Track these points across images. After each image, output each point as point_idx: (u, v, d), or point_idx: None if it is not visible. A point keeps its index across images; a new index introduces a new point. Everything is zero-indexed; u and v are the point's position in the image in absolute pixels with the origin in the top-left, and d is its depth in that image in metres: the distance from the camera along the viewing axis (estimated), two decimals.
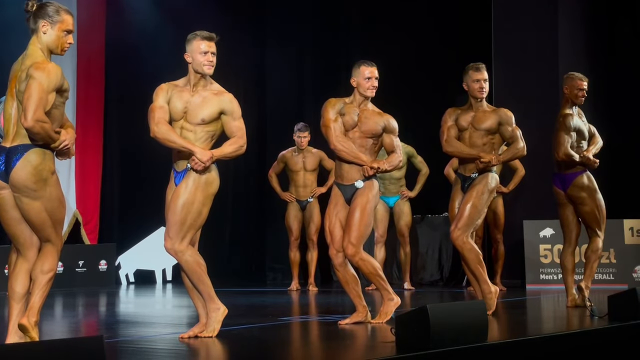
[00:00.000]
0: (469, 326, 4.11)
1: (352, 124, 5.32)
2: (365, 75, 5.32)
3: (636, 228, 8.21)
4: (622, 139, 8.86)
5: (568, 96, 6.25)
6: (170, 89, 4.66)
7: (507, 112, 5.78)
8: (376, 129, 5.31)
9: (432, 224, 9.45)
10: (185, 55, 4.68)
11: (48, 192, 4.05)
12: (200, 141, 4.60)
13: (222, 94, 4.66)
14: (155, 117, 4.58)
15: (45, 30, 4.11)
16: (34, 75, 3.98)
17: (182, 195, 4.53)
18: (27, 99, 3.93)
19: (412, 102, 9.59)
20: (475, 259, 5.64)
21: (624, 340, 4.91)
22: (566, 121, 6.17)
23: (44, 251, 4.14)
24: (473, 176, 5.72)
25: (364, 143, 5.31)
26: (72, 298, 7.93)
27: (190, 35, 4.69)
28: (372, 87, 5.34)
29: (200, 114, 4.59)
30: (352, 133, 5.32)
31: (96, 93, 9.71)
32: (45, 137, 3.99)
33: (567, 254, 6.33)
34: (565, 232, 6.34)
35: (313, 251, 8.72)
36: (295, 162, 8.67)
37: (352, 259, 5.24)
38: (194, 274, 4.57)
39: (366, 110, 5.36)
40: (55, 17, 4.12)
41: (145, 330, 5.52)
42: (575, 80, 6.25)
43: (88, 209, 9.56)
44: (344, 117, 5.33)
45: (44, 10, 4.12)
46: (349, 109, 5.35)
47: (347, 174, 5.32)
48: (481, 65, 5.77)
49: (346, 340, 4.69)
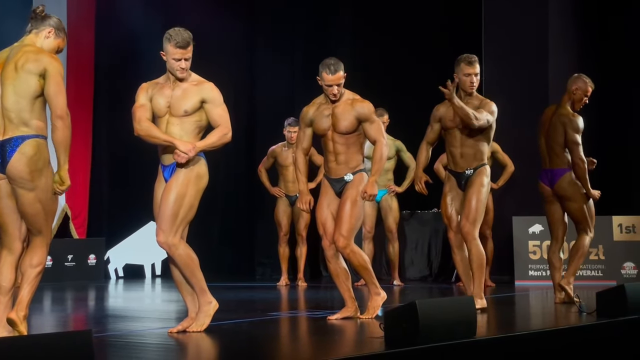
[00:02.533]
0: (457, 322, 4.12)
1: (327, 127, 5.29)
2: (326, 82, 5.24)
3: (625, 225, 8.24)
4: (612, 137, 8.90)
5: (573, 97, 6.20)
6: (151, 87, 4.73)
7: (491, 106, 5.65)
8: (352, 126, 5.26)
9: (421, 219, 9.45)
10: (161, 53, 4.70)
11: (43, 182, 4.11)
12: (188, 134, 4.61)
13: (202, 83, 4.69)
14: (136, 116, 4.66)
15: (49, 36, 4.32)
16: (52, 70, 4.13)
17: (174, 189, 4.55)
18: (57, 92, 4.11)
19: (402, 98, 9.59)
20: (482, 259, 5.62)
21: (612, 336, 4.93)
22: (579, 122, 6.12)
23: (33, 245, 4.15)
24: (468, 173, 5.71)
25: (343, 141, 5.26)
26: (61, 292, 7.91)
27: (167, 36, 4.67)
28: (332, 95, 5.25)
29: (183, 105, 4.61)
30: (330, 134, 5.29)
31: (86, 88, 9.68)
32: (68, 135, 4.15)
33: (554, 252, 6.33)
34: (552, 229, 6.33)
35: (302, 246, 8.72)
36: (285, 157, 8.67)
37: (342, 251, 5.24)
38: (186, 268, 4.59)
39: (337, 107, 5.28)
40: (60, 33, 4.37)
41: (134, 324, 5.51)
42: (587, 86, 6.20)
43: (77, 203, 9.53)
44: (315, 125, 5.32)
45: (54, 20, 4.35)
46: (321, 112, 5.31)
47: (335, 170, 5.32)
48: (474, 58, 5.71)
49: (335, 335, 4.69)
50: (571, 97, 6.21)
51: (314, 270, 9.83)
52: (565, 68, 8.93)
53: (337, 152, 5.30)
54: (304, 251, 8.74)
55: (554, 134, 6.17)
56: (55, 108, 4.11)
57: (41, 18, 4.32)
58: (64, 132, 4.12)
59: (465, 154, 5.70)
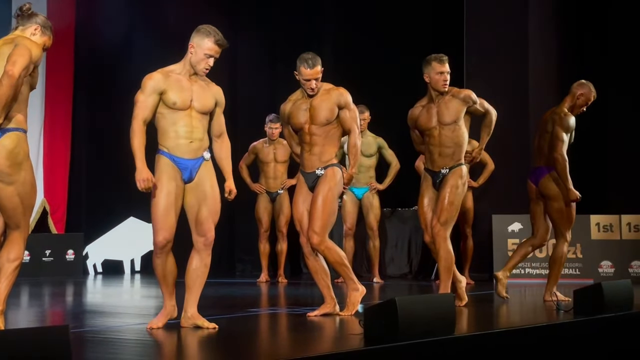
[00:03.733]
0: (436, 319, 4.13)
1: (304, 120, 5.27)
2: (304, 77, 5.22)
3: (602, 224, 8.31)
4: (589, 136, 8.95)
5: (576, 101, 6.22)
6: (164, 78, 4.54)
7: (466, 93, 5.68)
8: (332, 116, 5.24)
9: (402, 217, 9.48)
10: (190, 45, 4.57)
11: (22, 176, 4.07)
12: (204, 131, 4.61)
13: (212, 85, 4.70)
14: (135, 112, 4.49)
15: (35, 34, 4.30)
16: (25, 43, 4.08)
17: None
18: (18, 56, 4.00)
19: (383, 95, 9.60)
20: (450, 261, 5.64)
21: (589, 334, 4.97)
22: (570, 120, 6.15)
23: (10, 239, 4.12)
24: (443, 172, 5.72)
25: (320, 133, 5.24)
26: (39, 287, 7.85)
27: (206, 30, 4.56)
28: (310, 89, 5.24)
29: (207, 104, 4.60)
30: (307, 127, 5.27)
31: (65, 81, 9.61)
32: (9, 97, 3.96)
33: (527, 242, 6.36)
34: (534, 228, 6.36)
35: (283, 243, 8.72)
36: (267, 154, 8.66)
37: (317, 248, 5.22)
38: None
39: (315, 100, 5.27)
40: (46, 31, 4.36)
41: (112, 320, 5.49)
42: (592, 94, 6.25)
43: (55, 197, 9.47)
44: (292, 119, 5.31)
45: (40, 18, 4.34)
46: (298, 106, 5.29)
47: (308, 161, 5.29)
48: (444, 57, 5.69)
49: (314, 332, 4.69)
50: (574, 100, 6.25)
51: (294, 267, 9.84)
52: (545, 66, 9.00)
53: (313, 143, 5.27)
54: (284, 248, 8.73)
55: (544, 132, 6.22)
56: (12, 65, 3.97)
57: (27, 16, 4.30)
58: (7, 89, 3.94)
59: (443, 153, 5.70)
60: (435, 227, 5.62)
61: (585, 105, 6.28)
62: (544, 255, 8.12)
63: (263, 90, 10.29)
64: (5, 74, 3.96)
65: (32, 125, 8.42)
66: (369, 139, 8.48)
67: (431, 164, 5.78)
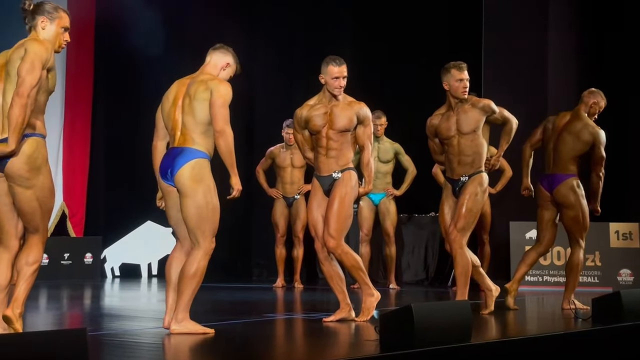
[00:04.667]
0: (453, 326, 4.12)
1: (322, 124, 5.29)
2: (334, 75, 5.25)
3: (622, 231, 8.25)
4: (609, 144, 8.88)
5: (589, 110, 6.23)
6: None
7: (485, 102, 5.67)
8: (350, 125, 5.28)
9: (419, 223, 9.46)
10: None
11: (41, 180, 4.09)
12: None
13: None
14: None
15: (44, 25, 4.16)
16: (32, 50, 3.99)
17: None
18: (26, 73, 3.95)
19: (400, 100, 9.60)
20: (466, 268, 5.62)
21: (607, 342, 4.93)
22: (604, 137, 6.19)
23: (30, 242, 4.14)
24: (463, 179, 5.70)
25: (338, 138, 5.27)
26: (57, 290, 7.90)
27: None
28: (339, 87, 5.27)
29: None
30: (325, 131, 5.29)
31: (84, 86, 9.68)
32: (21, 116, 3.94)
33: (532, 251, 6.33)
34: (540, 234, 6.31)
35: (299, 248, 8.72)
36: (283, 159, 8.67)
37: (333, 252, 5.22)
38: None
39: (336, 106, 5.30)
40: (54, 14, 4.18)
41: (129, 323, 5.51)
42: (603, 102, 6.27)
43: (74, 201, 9.53)
44: (310, 122, 5.32)
45: (42, 8, 4.18)
46: (316, 109, 5.32)
47: (324, 164, 5.31)
48: (463, 64, 5.69)
49: (330, 337, 4.69)
50: (587, 109, 6.25)
51: (310, 272, 9.83)
52: (565, 74, 8.96)
53: (330, 147, 5.29)
54: (300, 253, 8.73)
55: (570, 144, 6.18)
56: (19, 86, 3.96)
57: (31, 13, 4.18)
58: (17, 111, 3.94)
59: (463, 161, 5.69)
60: (452, 233, 5.61)
61: (598, 113, 6.27)
62: (562, 262, 8.07)
63: (280, 95, 10.31)
64: (15, 95, 3.95)
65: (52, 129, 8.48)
66: (385, 145, 8.48)
67: (451, 172, 5.76)
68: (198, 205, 4.48)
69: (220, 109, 4.46)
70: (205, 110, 4.49)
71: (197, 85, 4.55)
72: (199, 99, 4.50)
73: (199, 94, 4.51)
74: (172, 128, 4.60)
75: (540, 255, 6.36)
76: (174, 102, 4.60)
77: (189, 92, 4.56)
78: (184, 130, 4.54)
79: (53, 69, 4.12)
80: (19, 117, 3.93)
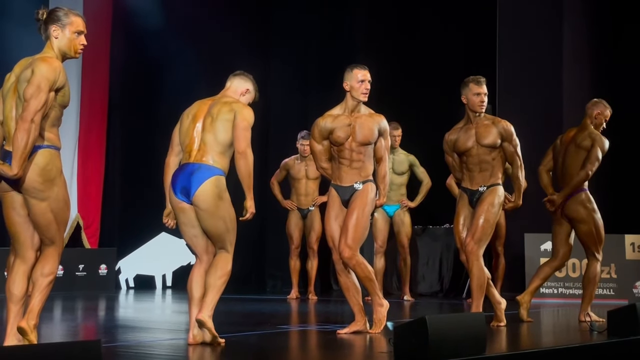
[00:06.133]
0: (467, 338, 4.10)
1: (346, 136, 5.31)
2: (359, 79, 5.29)
3: (637, 243, 8.20)
4: (624, 155, 8.86)
5: (595, 121, 6.20)
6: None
7: (507, 126, 5.67)
8: (372, 137, 5.32)
9: (433, 234, 9.44)
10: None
11: (55, 192, 4.09)
12: None
13: None
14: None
15: (56, 34, 4.14)
16: (39, 71, 3.96)
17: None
18: (31, 97, 3.93)
19: (415, 111, 9.59)
20: (482, 280, 5.60)
21: (623, 355, 4.89)
22: (607, 143, 6.14)
23: (45, 254, 4.15)
24: (481, 189, 5.69)
25: (362, 150, 5.30)
26: (72, 302, 7.93)
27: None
28: (365, 91, 5.32)
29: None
30: (349, 144, 5.31)
31: (100, 97, 9.74)
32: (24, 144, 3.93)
33: (547, 265, 6.30)
34: (555, 249, 6.29)
35: (313, 260, 8.72)
36: (298, 170, 8.68)
37: (348, 262, 5.22)
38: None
39: (359, 118, 5.33)
40: (64, 20, 4.15)
41: (143, 335, 5.52)
42: (608, 110, 6.25)
43: (89, 213, 9.57)
44: (334, 134, 5.33)
45: (53, 16, 4.16)
46: (340, 121, 5.33)
47: (347, 175, 5.32)
48: (482, 78, 5.71)
49: (344, 349, 4.68)
50: (592, 121, 6.22)
51: (324, 283, 9.82)
52: (580, 85, 8.93)
53: (353, 159, 5.32)
54: (315, 264, 8.73)
55: (575, 155, 6.15)
56: (24, 110, 3.94)
57: (44, 23, 4.15)
58: (21, 135, 3.92)
59: (483, 169, 5.68)
60: (468, 244, 5.59)
61: (604, 123, 6.23)
62: (578, 274, 8.03)
63: (295, 106, 10.33)
64: (20, 119, 3.95)
65: (67, 141, 8.55)
66: (400, 157, 8.47)
67: (470, 182, 5.73)
68: (223, 220, 4.67)
69: (243, 131, 4.58)
70: (226, 131, 4.58)
71: (221, 106, 4.66)
72: (222, 120, 4.60)
73: (223, 114, 4.61)
74: (188, 144, 4.63)
75: (555, 269, 6.34)
76: (194, 119, 4.68)
77: (211, 112, 4.65)
78: (202, 146, 4.59)
79: (64, 87, 4.08)
80: (22, 142, 3.93)
